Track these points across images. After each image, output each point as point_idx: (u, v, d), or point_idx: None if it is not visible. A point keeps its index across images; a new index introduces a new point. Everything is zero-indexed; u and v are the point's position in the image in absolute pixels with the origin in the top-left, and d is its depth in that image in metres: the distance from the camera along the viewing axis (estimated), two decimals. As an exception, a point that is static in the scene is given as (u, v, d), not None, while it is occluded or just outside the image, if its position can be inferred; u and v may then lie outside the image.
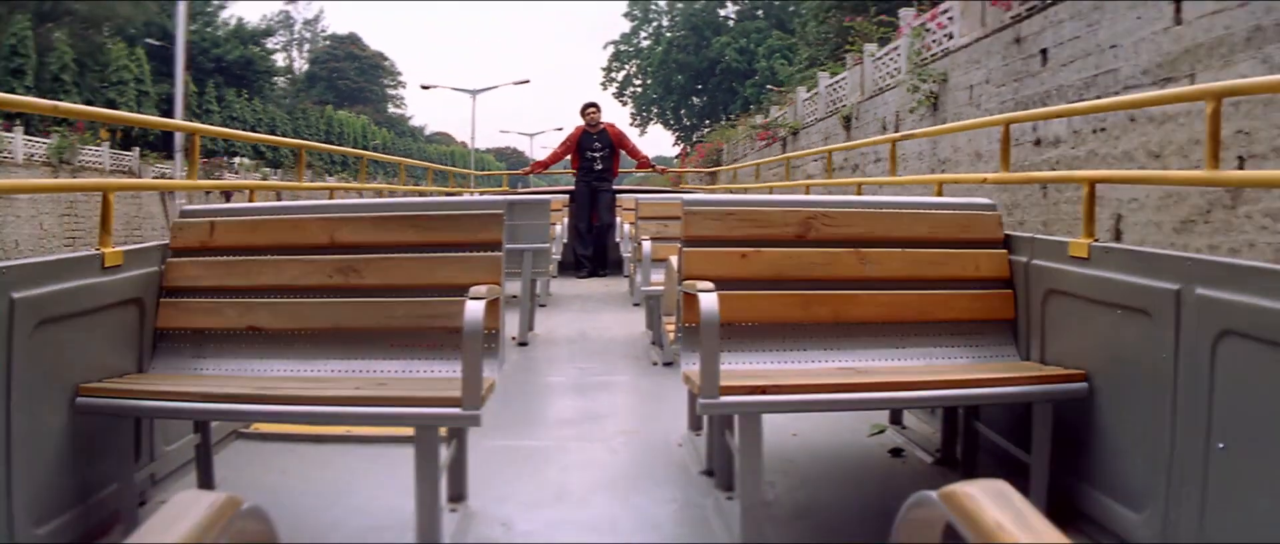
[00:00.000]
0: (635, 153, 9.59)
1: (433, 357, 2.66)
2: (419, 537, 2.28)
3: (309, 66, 64.28)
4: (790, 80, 24.63)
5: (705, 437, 3.09)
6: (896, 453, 3.28)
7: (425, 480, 2.28)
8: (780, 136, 19.86)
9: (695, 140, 43.52)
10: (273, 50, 54.90)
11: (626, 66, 55.31)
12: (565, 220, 8.39)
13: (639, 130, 53.82)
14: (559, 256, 7.47)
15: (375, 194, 9.34)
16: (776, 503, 2.76)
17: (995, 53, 9.94)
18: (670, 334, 4.19)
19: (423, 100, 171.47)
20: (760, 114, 25.35)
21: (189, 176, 3.57)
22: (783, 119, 20.60)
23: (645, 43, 54.68)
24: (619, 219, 8.31)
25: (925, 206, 3.11)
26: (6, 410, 2.08)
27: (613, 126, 9.20)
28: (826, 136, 16.65)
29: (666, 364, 4.67)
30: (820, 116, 17.51)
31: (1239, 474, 1.91)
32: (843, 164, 13.23)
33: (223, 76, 42.07)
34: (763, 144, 21.53)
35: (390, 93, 70.83)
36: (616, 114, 55.71)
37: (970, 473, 2.98)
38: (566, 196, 8.84)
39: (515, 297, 5.47)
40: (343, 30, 76.60)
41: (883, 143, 7.28)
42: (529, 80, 60.81)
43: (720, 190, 15.28)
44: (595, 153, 8.91)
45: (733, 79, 47.28)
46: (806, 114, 18.84)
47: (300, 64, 64.18)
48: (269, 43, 54.57)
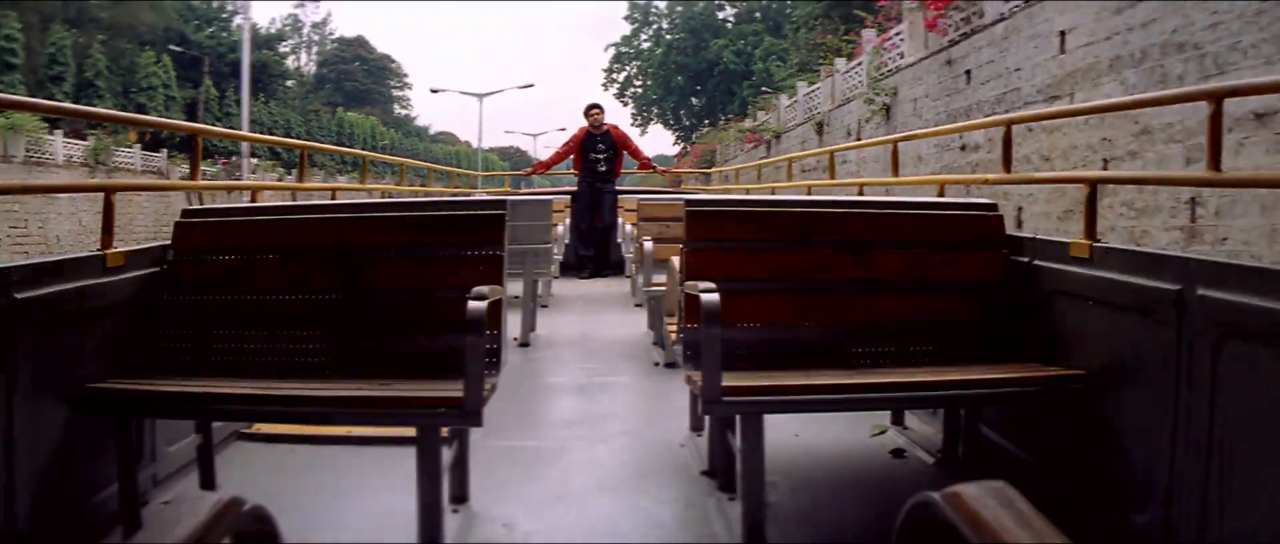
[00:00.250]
0: (637, 154, 9.60)
1: (434, 357, 2.61)
2: (421, 537, 2.28)
3: (317, 68, 65.04)
4: (784, 83, 26.12)
5: (707, 437, 3.05)
6: (898, 453, 3.26)
7: (427, 481, 2.28)
8: (765, 140, 21.64)
9: (694, 140, 44.49)
10: (285, 54, 56.35)
11: (627, 68, 56.07)
12: (567, 221, 8.42)
13: (640, 130, 54.40)
14: (561, 257, 7.47)
15: (382, 195, 9.37)
16: (778, 504, 2.71)
17: (933, 72, 11.66)
18: (672, 335, 4.17)
19: (426, 100, 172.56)
20: (749, 118, 27.17)
21: (190, 177, 3.64)
22: (767, 124, 22.39)
23: (645, 45, 55.45)
24: (621, 220, 8.40)
25: (927, 207, 3.16)
26: (8, 410, 2.07)
27: (616, 128, 9.18)
28: (804, 141, 18.35)
29: (668, 365, 4.64)
30: (799, 122, 19.25)
31: (1240, 475, 1.91)
32: (814, 166, 14.87)
33: (239, 80, 43.59)
34: (750, 146, 23.37)
35: (396, 94, 71.79)
36: (618, 114, 56.00)
37: (972, 474, 2.84)
38: (568, 197, 8.94)
39: (517, 297, 5.46)
40: (350, 33, 77.60)
41: (879, 145, 8.06)
42: (533, 84, 61.58)
43: (715, 189, 16.07)
44: (599, 154, 8.85)
45: (731, 80, 48.03)
46: (788, 119, 20.60)
47: (309, 66, 65.01)
48: (281, 47, 55.96)
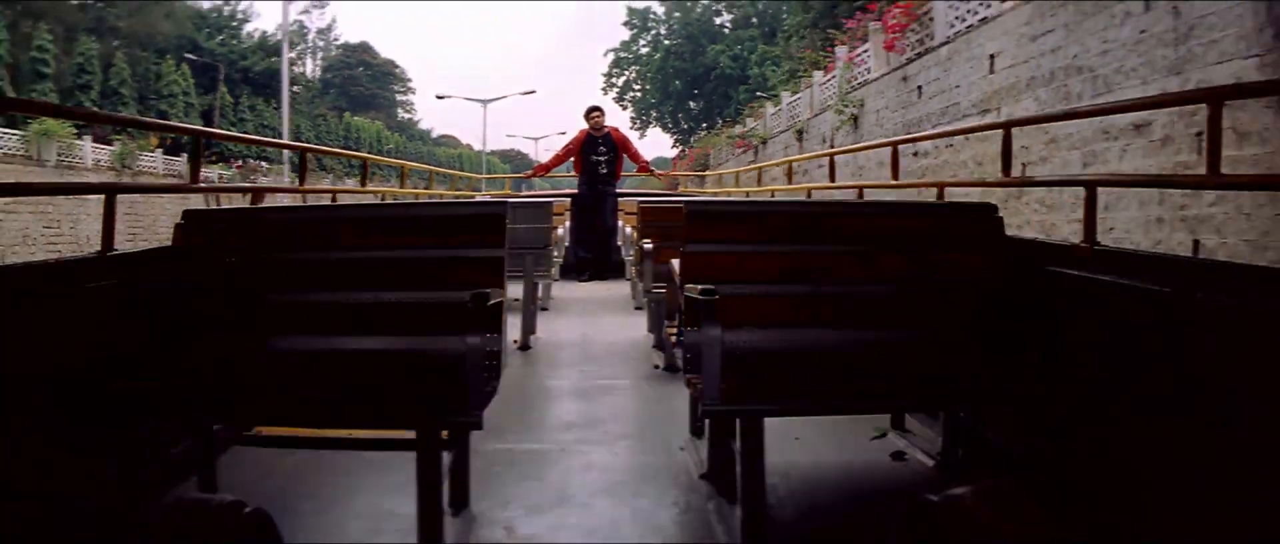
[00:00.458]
0: (637, 157, 9.66)
1: (434, 360, 2.57)
2: (421, 540, 2.27)
3: (322, 74, 65.85)
4: (778, 88, 27.37)
5: (707, 440, 3.05)
6: (898, 456, 3.26)
7: (427, 484, 2.27)
8: (753, 145, 23.18)
9: (692, 143, 45.65)
10: (292, 60, 57.56)
11: (626, 72, 56.91)
12: (567, 223, 8.42)
13: (639, 133, 55.00)
14: (561, 260, 7.48)
15: (382, 198, 9.42)
16: (778, 507, 2.72)
17: (892, 87, 13.17)
18: (672, 338, 4.20)
19: (429, 104, 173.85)
20: (739, 125, 28.70)
21: (190, 179, 3.63)
22: (755, 130, 23.93)
23: (644, 50, 56.20)
24: (621, 222, 8.53)
25: (927, 209, 3.15)
26: (8, 411, 2.06)
27: (617, 131, 9.22)
28: (786, 147, 19.85)
29: (669, 368, 4.65)
30: (783, 129, 20.77)
31: (1241, 476, 1.91)
32: (796, 170, 16.34)
33: (250, 87, 44.83)
34: (740, 151, 24.93)
35: (400, 98, 72.57)
36: (617, 118, 56.73)
37: (972, 476, 2.90)
38: (568, 199, 8.99)
39: (517, 299, 5.45)
40: (354, 39, 78.83)
41: (876, 148, 9.06)
42: (535, 91, 62.50)
43: (710, 191, 16.83)
44: (600, 157, 8.89)
45: (727, 85, 48.90)
46: (774, 126, 22.12)
47: (314, 72, 65.56)
48: (289, 54, 57.22)
